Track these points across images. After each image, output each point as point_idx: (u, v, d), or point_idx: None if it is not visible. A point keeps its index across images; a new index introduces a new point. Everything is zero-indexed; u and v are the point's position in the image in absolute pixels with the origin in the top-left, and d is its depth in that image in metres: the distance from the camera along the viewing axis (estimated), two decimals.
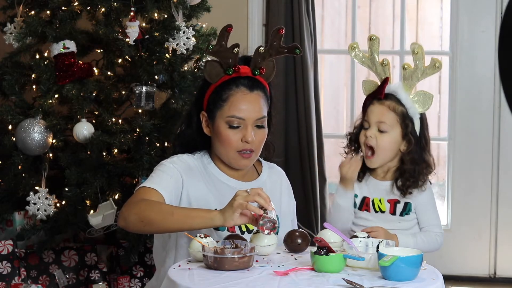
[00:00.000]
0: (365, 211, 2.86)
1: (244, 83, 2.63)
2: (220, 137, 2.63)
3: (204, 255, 2.33)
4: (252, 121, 2.61)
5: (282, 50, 2.65)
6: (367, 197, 2.87)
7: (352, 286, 2.16)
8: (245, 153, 2.62)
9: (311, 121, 4.53)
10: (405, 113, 2.80)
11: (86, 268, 3.83)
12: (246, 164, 2.66)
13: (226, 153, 2.64)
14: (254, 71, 2.64)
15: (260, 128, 2.64)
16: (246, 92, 2.62)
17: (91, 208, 3.64)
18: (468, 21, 4.59)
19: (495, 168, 4.62)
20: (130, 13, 3.64)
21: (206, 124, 2.68)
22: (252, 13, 4.65)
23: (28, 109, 3.75)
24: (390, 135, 2.79)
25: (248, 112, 2.61)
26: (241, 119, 2.60)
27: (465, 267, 4.67)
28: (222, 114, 2.62)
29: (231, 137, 2.61)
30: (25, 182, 3.72)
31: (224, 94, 2.62)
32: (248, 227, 2.67)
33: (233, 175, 2.71)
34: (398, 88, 2.82)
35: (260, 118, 2.63)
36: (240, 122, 2.61)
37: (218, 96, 2.63)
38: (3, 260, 3.71)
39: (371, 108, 2.82)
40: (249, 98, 2.62)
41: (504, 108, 4.57)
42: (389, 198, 2.85)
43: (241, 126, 2.61)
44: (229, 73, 2.62)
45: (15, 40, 3.73)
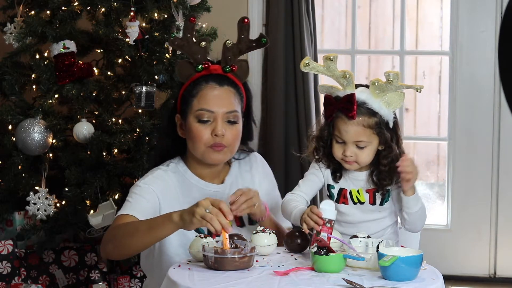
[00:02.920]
0: (343, 204, 2.75)
1: (213, 79, 2.61)
2: (191, 133, 2.60)
3: (204, 255, 2.33)
4: (222, 114, 2.58)
5: (251, 44, 2.63)
6: (344, 188, 2.78)
7: (352, 286, 2.16)
8: (216, 147, 2.58)
9: (311, 121, 4.53)
10: (380, 121, 2.66)
11: (86, 268, 3.83)
12: (219, 158, 2.62)
13: (197, 148, 2.60)
14: (224, 69, 2.61)
15: (233, 124, 2.60)
16: (215, 86, 2.60)
17: (91, 208, 3.64)
18: (468, 21, 4.59)
19: (495, 168, 4.62)
20: (130, 13, 3.64)
21: (181, 126, 2.65)
22: (252, 13, 4.65)
23: (28, 109, 3.75)
24: (369, 148, 2.68)
25: (217, 105, 2.58)
26: (210, 112, 2.57)
27: (465, 267, 4.67)
28: (192, 109, 2.59)
29: (201, 131, 2.57)
30: (25, 182, 3.72)
31: (194, 91, 2.60)
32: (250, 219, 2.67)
33: (212, 179, 2.69)
34: (367, 97, 2.64)
35: (231, 112, 2.59)
36: (210, 116, 2.57)
37: (189, 93, 2.61)
38: (3, 260, 3.71)
39: (344, 127, 2.64)
40: (219, 92, 2.59)
41: (504, 108, 4.57)
42: (367, 188, 2.76)
43: (211, 121, 2.58)
44: (199, 69, 2.59)
45: (15, 40, 3.73)
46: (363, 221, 2.74)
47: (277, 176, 4.56)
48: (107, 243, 2.49)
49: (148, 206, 2.56)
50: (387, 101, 2.67)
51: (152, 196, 2.58)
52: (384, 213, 2.77)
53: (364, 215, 2.74)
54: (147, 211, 2.55)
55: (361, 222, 2.74)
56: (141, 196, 2.57)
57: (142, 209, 2.54)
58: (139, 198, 2.57)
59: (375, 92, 2.64)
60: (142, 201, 2.56)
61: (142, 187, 2.59)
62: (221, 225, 2.29)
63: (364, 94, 2.64)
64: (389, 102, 2.67)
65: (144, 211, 2.54)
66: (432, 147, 5.74)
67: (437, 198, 5.34)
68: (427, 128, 5.70)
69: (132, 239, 2.42)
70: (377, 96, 2.65)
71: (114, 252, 2.49)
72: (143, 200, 2.56)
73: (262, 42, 2.63)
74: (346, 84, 2.64)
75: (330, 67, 2.63)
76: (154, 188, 2.59)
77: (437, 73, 5.68)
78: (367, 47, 5.65)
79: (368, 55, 5.73)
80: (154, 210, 2.57)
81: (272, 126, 4.61)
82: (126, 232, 2.44)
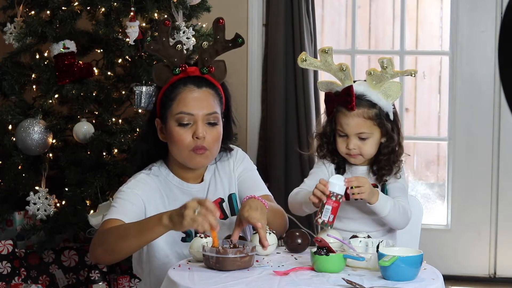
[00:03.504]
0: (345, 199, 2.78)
1: (191, 81, 2.59)
2: (172, 138, 2.58)
3: (205, 255, 2.33)
4: (202, 116, 2.56)
5: (227, 45, 2.62)
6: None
7: (352, 286, 2.16)
8: (198, 150, 2.57)
9: (311, 121, 4.53)
10: (380, 112, 2.70)
11: (86, 268, 3.83)
12: (201, 162, 2.61)
13: (179, 153, 2.59)
14: (202, 70, 2.60)
15: (213, 126, 2.59)
16: (193, 89, 2.58)
17: (91, 208, 3.64)
18: (468, 21, 4.59)
19: (495, 168, 4.62)
20: (130, 13, 3.64)
21: (161, 130, 2.64)
22: (252, 13, 4.65)
23: (28, 109, 3.75)
24: (371, 139, 2.72)
25: (196, 107, 2.56)
26: (190, 115, 2.56)
27: (465, 267, 4.67)
28: (172, 113, 2.57)
29: (182, 135, 2.56)
30: (25, 182, 3.73)
31: (173, 94, 2.58)
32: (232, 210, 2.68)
33: (194, 180, 2.68)
34: (365, 89, 2.69)
35: (210, 114, 2.58)
36: (190, 119, 2.56)
37: (167, 97, 2.59)
38: (3, 260, 3.71)
39: (345, 120, 2.69)
40: (197, 94, 2.58)
41: (504, 108, 4.57)
42: None
43: (191, 123, 2.56)
44: (176, 72, 2.58)
45: (15, 40, 3.73)
46: (363, 217, 2.75)
47: (277, 176, 4.59)
48: (96, 248, 2.47)
49: (134, 208, 2.55)
50: (385, 92, 2.71)
51: (137, 199, 2.57)
52: None
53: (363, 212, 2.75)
54: (134, 214, 2.53)
55: (361, 218, 2.75)
56: (126, 200, 2.56)
57: (128, 212, 2.53)
58: (124, 202, 2.56)
59: (372, 82, 2.67)
60: (127, 205, 2.55)
61: (125, 192, 2.58)
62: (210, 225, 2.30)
63: (362, 86, 2.68)
64: (388, 93, 2.71)
65: (130, 214, 2.53)
66: (432, 147, 5.74)
67: (437, 198, 5.33)
68: (427, 128, 5.70)
69: (123, 243, 2.41)
70: (374, 87, 2.68)
71: (104, 256, 2.47)
72: (128, 203, 2.55)
73: (238, 42, 2.62)
74: (344, 78, 2.67)
75: (327, 61, 2.66)
76: (138, 192, 2.59)
77: (437, 73, 5.67)
78: (367, 47, 5.65)
79: (368, 55, 5.72)
80: (140, 212, 2.57)
81: (272, 126, 4.61)
82: (117, 236, 2.42)
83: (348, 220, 2.75)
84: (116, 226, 2.47)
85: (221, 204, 2.69)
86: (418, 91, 5.61)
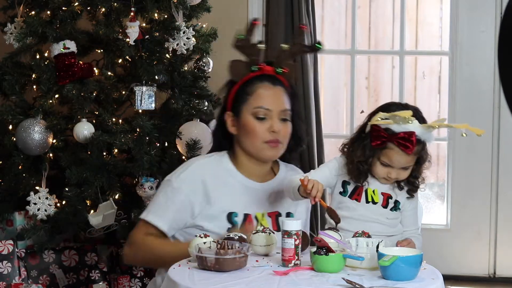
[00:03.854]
0: (355, 201, 2.83)
1: (267, 79, 2.73)
2: (247, 129, 2.71)
3: (201, 256, 2.33)
4: (277, 112, 2.70)
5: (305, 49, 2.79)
6: (361, 186, 2.85)
7: (352, 286, 2.17)
8: (272, 143, 2.70)
9: (311, 121, 4.53)
10: (424, 145, 2.83)
11: (86, 268, 3.83)
12: (274, 154, 2.75)
13: (253, 144, 2.71)
14: (277, 70, 2.73)
15: (285, 122, 2.73)
16: (269, 86, 2.73)
17: (91, 208, 3.64)
18: (468, 21, 4.59)
19: (495, 168, 4.62)
20: (130, 13, 3.64)
21: (232, 124, 2.75)
22: (252, 13, 4.65)
23: (28, 109, 3.75)
24: (411, 167, 2.85)
25: (273, 103, 2.70)
26: (268, 110, 2.70)
27: (465, 267, 4.67)
28: (248, 107, 2.71)
29: (258, 128, 2.69)
30: (26, 182, 3.73)
31: (249, 89, 2.72)
32: None
33: (254, 177, 2.78)
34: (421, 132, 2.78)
35: (284, 110, 2.73)
36: (266, 113, 2.69)
37: (243, 92, 2.73)
38: (4, 260, 3.72)
39: (396, 157, 2.78)
40: (273, 91, 2.73)
41: (504, 108, 4.57)
42: (383, 191, 2.85)
43: (267, 118, 2.69)
44: (254, 70, 2.73)
45: (15, 40, 3.73)
46: (369, 220, 2.78)
47: None
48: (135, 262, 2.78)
49: (174, 210, 2.68)
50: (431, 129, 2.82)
51: (181, 200, 2.69)
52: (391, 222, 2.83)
53: (372, 215, 2.79)
54: (172, 217, 2.68)
55: (367, 221, 2.78)
56: (171, 201, 2.68)
57: (167, 216, 2.68)
58: (169, 204, 2.68)
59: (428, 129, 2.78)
60: (171, 209, 2.68)
61: (174, 188, 2.70)
62: None
63: (418, 130, 2.77)
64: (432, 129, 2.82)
65: (168, 218, 2.68)
66: (432, 147, 5.71)
67: (436, 198, 5.34)
68: None
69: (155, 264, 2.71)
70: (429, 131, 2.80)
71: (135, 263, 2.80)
72: (173, 206, 2.68)
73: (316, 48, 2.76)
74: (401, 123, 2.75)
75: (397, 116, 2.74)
76: (186, 188, 2.69)
77: (437, 73, 5.68)
78: (367, 47, 5.66)
79: (368, 55, 5.73)
80: (184, 214, 2.69)
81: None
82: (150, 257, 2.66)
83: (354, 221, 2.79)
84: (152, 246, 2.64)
85: (277, 217, 2.79)
86: (418, 91, 5.62)
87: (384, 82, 5.75)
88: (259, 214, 2.74)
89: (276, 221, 2.77)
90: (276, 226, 2.75)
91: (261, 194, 2.78)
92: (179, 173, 2.74)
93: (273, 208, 2.78)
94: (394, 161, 2.79)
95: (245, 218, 2.71)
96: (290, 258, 2.37)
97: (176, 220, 2.69)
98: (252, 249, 2.50)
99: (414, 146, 2.75)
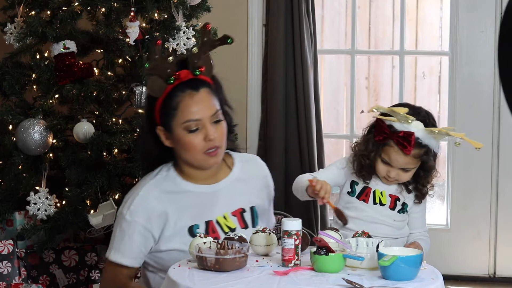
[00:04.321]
0: (362, 201, 2.85)
1: (188, 86, 2.62)
2: (183, 145, 2.62)
3: (202, 256, 2.33)
4: (208, 118, 2.60)
5: (214, 43, 2.66)
6: (369, 187, 2.86)
7: (352, 286, 2.17)
8: (211, 151, 2.62)
9: (311, 121, 4.53)
10: (427, 150, 2.82)
11: (87, 268, 3.83)
12: (215, 161, 2.66)
13: (193, 157, 2.63)
14: (194, 72, 2.63)
15: (218, 123, 2.63)
16: (192, 93, 2.61)
17: (91, 208, 3.64)
18: (467, 21, 4.59)
19: (495, 168, 4.62)
20: (130, 13, 3.65)
21: (166, 137, 2.66)
22: (252, 13, 4.65)
23: (28, 109, 3.75)
24: (413, 170, 2.86)
25: (201, 111, 2.60)
26: (198, 120, 2.60)
27: (465, 267, 4.67)
28: (178, 122, 2.61)
29: (193, 140, 2.60)
30: (26, 182, 3.73)
31: (173, 103, 2.61)
32: None
33: (203, 181, 2.71)
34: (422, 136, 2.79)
35: (215, 113, 2.62)
36: (197, 124, 2.60)
37: (168, 107, 2.61)
38: (4, 260, 3.72)
39: (394, 156, 2.79)
40: (198, 98, 2.61)
41: (504, 108, 4.57)
42: (391, 193, 2.86)
43: (199, 127, 2.60)
44: (171, 82, 2.61)
45: (15, 40, 3.73)
46: (376, 222, 2.80)
47: (277, 176, 4.59)
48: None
49: (137, 245, 2.65)
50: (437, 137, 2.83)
51: (138, 231, 2.64)
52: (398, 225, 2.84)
53: (379, 217, 2.80)
54: (136, 250, 2.65)
55: (374, 223, 2.79)
56: (129, 235, 2.64)
57: (134, 252, 2.65)
58: (127, 239, 2.65)
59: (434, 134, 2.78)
60: (131, 243, 2.65)
61: (128, 222, 2.65)
62: None
63: (420, 132, 2.77)
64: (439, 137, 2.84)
65: (134, 254, 2.65)
66: None
67: (436, 198, 5.34)
68: None
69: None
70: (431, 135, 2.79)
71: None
72: (132, 240, 2.64)
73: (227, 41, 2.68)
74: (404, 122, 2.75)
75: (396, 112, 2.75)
76: (139, 219, 2.64)
77: (436, 73, 5.68)
78: (367, 47, 5.66)
79: (368, 55, 5.73)
80: (146, 242, 2.65)
81: (272, 126, 4.61)
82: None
83: (360, 222, 2.80)
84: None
85: (242, 214, 2.72)
86: (418, 91, 5.62)
87: (384, 82, 5.76)
88: (221, 218, 2.68)
89: (242, 218, 2.71)
90: (243, 224, 2.70)
91: (218, 196, 2.71)
92: (129, 205, 2.67)
93: (235, 206, 2.71)
94: (393, 159, 2.79)
95: (207, 227, 2.66)
96: (290, 258, 2.37)
97: (141, 250, 2.64)
98: (252, 249, 2.51)
99: (412, 146, 2.74)
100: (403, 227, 2.89)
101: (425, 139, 2.78)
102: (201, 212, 2.66)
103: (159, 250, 2.65)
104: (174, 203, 2.65)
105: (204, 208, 2.67)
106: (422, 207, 2.93)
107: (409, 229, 2.93)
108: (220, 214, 2.67)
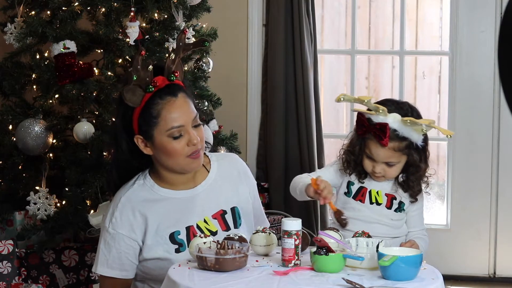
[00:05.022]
0: (359, 202, 2.85)
1: (166, 93, 2.61)
2: (166, 151, 2.61)
3: (201, 256, 2.33)
4: (189, 123, 2.61)
5: (188, 46, 2.70)
6: (365, 187, 2.86)
7: (352, 286, 2.17)
8: (194, 154, 2.62)
9: (311, 121, 4.53)
10: (409, 144, 2.79)
11: (87, 268, 3.83)
12: (198, 164, 2.66)
13: (176, 162, 2.63)
14: (169, 78, 2.63)
15: (198, 126, 2.65)
16: (172, 99, 2.61)
17: (91, 208, 3.64)
18: (467, 21, 4.60)
19: (495, 168, 4.62)
20: (130, 13, 3.65)
21: (144, 145, 2.65)
22: (252, 13, 4.65)
23: (28, 109, 3.75)
24: (398, 165, 2.84)
25: (182, 117, 2.61)
26: (181, 127, 2.60)
27: (465, 267, 4.67)
28: (160, 130, 2.60)
29: (177, 146, 2.60)
30: (25, 182, 3.73)
31: (154, 111, 2.60)
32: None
33: (182, 185, 2.70)
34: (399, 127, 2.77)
35: (194, 117, 2.64)
36: (180, 130, 2.60)
37: (148, 115, 2.61)
38: (4, 260, 3.72)
39: (375, 150, 2.79)
40: (178, 104, 2.61)
41: (504, 108, 4.57)
42: (387, 192, 2.86)
43: (182, 133, 2.60)
44: (151, 90, 2.60)
45: (15, 40, 3.73)
46: (373, 221, 2.79)
47: (277, 176, 4.60)
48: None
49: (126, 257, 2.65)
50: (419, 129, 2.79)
51: (125, 242, 2.64)
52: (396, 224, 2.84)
53: (376, 216, 2.80)
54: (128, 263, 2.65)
55: (371, 223, 2.79)
56: (115, 248, 2.65)
57: (121, 264, 2.65)
58: (114, 252, 2.65)
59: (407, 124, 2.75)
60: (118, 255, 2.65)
61: (111, 235, 2.65)
62: None
63: (396, 124, 2.76)
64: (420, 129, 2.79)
65: (125, 266, 2.65)
66: (432, 147, 5.70)
67: (436, 198, 5.33)
68: None
69: None
70: (407, 126, 2.75)
71: None
72: (119, 252, 2.65)
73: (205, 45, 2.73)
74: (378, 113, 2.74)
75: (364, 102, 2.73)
76: (122, 231, 2.64)
77: (436, 73, 5.68)
78: (367, 47, 5.65)
79: (368, 55, 5.73)
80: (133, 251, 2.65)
81: (272, 126, 4.62)
82: None
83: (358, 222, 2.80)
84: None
85: (223, 216, 2.71)
86: (418, 91, 5.61)
87: (384, 82, 5.75)
88: (201, 222, 2.66)
89: (224, 220, 2.70)
90: (224, 226, 2.68)
91: (196, 200, 2.70)
92: (110, 218, 2.67)
93: (215, 209, 2.70)
94: (374, 153, 2.79)
95: (188, 232, 2.66)
96: (290, 258, 2.37)
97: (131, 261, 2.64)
98: (252, 249, 2.51)
99: (387, 137, 2.73)
100: (401, 226, 2.89)
101: (403, 131, 2.75)
102: (180, 218, 2.65)
103: (144, 259, 2.65)
104: (153, 211, 2.65)
105: (183, 213, 2.66)
106: (420, 205, 2.93)
107: (407, 227, 2.92)
108: (201, 218, 2.67)
